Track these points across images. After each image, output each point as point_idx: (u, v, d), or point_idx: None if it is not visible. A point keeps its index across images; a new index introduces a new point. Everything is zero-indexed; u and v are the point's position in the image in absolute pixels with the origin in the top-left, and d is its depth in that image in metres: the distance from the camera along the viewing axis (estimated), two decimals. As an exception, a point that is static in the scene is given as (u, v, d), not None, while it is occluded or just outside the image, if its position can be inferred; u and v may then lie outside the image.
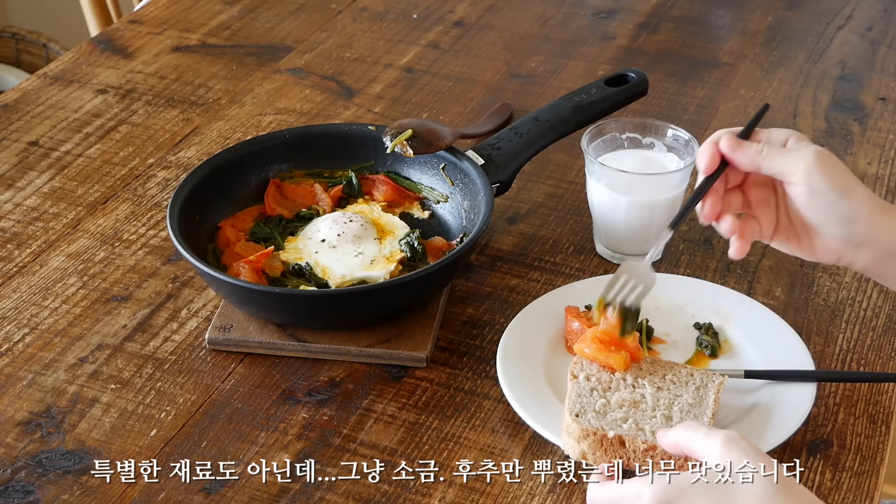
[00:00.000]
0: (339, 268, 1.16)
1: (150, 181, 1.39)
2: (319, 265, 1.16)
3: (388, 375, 1.09)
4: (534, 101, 1.55)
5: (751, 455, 0.84)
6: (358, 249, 1.18)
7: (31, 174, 1.40)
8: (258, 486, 0.98)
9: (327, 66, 1.65)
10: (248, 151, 1.27)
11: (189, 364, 1.11)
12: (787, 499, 0.83)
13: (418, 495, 0.97)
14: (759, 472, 0.83)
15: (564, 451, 0.96)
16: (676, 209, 1.22)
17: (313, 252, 1.18)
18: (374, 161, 1.30)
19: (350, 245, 1.18)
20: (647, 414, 0.97)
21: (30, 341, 1.14)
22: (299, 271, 1.16)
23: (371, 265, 1.16)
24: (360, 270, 1.16)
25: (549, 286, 1.20)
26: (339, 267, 1.16)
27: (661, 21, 1.78)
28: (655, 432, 0.93)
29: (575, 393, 0.98)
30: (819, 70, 1.64)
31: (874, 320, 1.17)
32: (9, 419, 1.05)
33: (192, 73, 1.63)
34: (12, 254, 1.26)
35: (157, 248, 1.27)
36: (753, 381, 1.05)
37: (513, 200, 1.34)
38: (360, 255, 1.17)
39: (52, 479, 0.98)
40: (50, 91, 1.58)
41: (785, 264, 1.24)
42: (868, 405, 1.06)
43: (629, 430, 0.95)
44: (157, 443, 1.02)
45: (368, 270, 1.16)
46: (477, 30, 1.75)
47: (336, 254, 1.17)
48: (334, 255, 1.17)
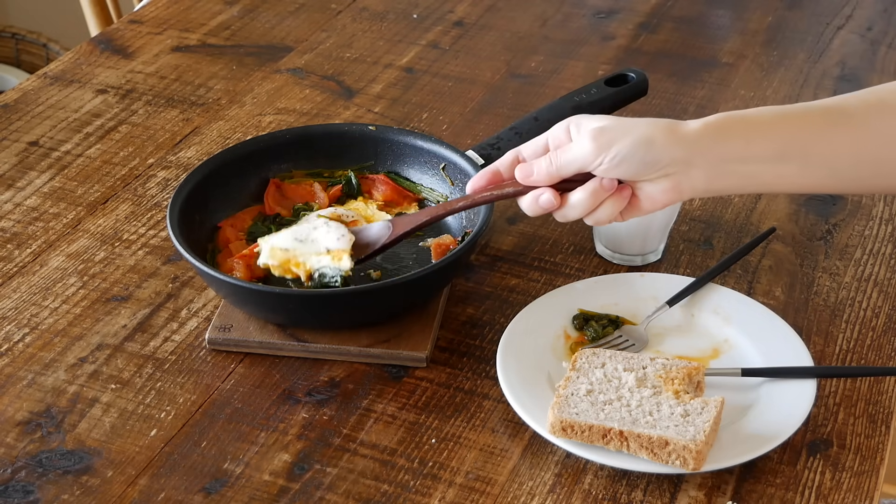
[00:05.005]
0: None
1: (150, 181, 1.39)
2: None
3: (388, 375, 1.10)
4: (534, 101, 1.55)
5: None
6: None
7: (31, 174, 1.40)
8: (258, 486, 0.98)
9: (327, 66, 1.65)
10: (248, 151, 1.27)
11: (189, 364, 1.11)
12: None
13: (418, 495, 0.97)
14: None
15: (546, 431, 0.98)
16: (676, 209, 1.22)
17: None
18: (374, 161, 1.30)
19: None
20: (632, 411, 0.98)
21: (30, 341, 1.14)
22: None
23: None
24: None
25: (549, 286, 1.20)
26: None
27: (661, 21, 1.78)
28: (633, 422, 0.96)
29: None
30: (819, 70, 1.64)
31: (874, 320, 1.17)
32: (9, 419, 1.05)
33: (192, 73, 1.63)
34: (12, 254, 1.26)
35: (157, 248, 1.27)
36: (752, 380, 1.05)
37: (513, 200, 1.33)
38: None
39: (52, 479, 0.99)
40: (50, 91, 1.58)
41: (785, 264, 1.24)
42: (868, 405, 1.06)
43: (601, 418, 0.96)
44: (157, 443, 1.02)
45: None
46: (477, 30, 1.75)
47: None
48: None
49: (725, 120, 1.01)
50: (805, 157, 1.01)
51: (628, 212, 1.03)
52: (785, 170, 1.01)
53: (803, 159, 1.01)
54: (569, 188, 1.02)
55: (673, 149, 0.98)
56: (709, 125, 1.00)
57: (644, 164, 0.99)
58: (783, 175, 1.01)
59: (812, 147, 1.01)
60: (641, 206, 1.02)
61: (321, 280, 1.11)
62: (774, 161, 1.00)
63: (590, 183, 1.01)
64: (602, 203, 1.01)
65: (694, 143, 0.99)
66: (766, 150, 1.00)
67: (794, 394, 1.02)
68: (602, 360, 1.03)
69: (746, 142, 0.99)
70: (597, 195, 1.01)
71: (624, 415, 0.97)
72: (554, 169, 1.01)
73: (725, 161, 0.99)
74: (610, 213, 1.02)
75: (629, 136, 0.98)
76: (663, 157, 0.98)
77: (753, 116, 1.02)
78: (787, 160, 1.00)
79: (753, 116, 1.02)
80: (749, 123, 1.01)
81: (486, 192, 1.06)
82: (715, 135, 0.99)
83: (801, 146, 1.00)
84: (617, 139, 0.98)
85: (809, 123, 1.01)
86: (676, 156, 0.98)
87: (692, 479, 0.98)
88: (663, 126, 0.99)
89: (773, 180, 1.02)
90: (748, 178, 1.01)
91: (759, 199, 1.34)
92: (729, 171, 1.00)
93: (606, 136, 0.99)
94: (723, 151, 0.99)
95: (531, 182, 1.02)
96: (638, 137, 0.98)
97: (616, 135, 0.99)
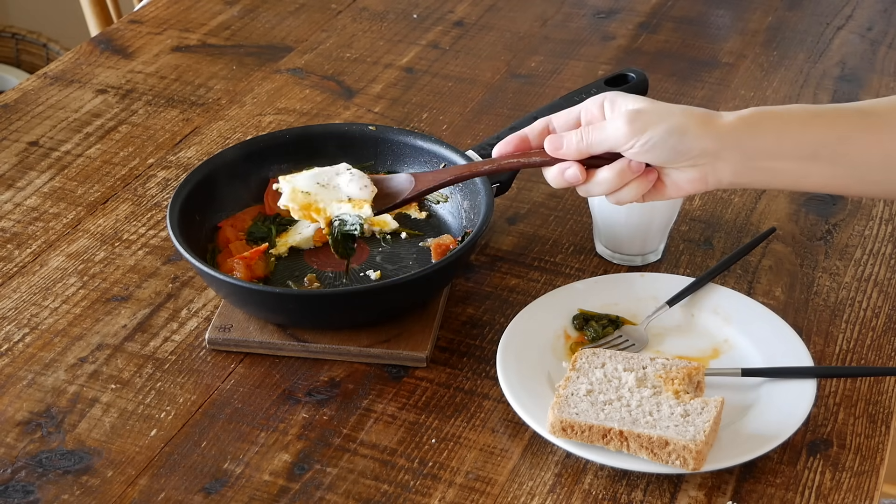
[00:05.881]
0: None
1: (150, 181, 1.39)
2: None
3: (388, 375, 1.10)
4: (534, 101, 1.55)
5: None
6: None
7: (31, 174, 1.40)
8: (258, 486, 0.98)
9: (327, 66, 1.65)
10: (248, 151, 1.27)
11: (189, 364, 1.11)
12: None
13: (418, 495, 0.97)
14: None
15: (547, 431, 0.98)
16: (676, 209, 1.22)
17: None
18: (374, 161, 1.30)
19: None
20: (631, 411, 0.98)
21: (30, 341, 1.14)
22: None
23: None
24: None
25: (549, 286, 1.20)
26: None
27: (661, 21, 1.78)
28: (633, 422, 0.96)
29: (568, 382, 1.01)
30: (819, 70, 1.64)
31: (874, 320, 1.17)
32: (9, 419, 1.05)
33: (192, 73, 1.63)
34: (12, 254, 1.26)
35: (157, 248, 1.27)
36: (752, 380, 1.05)
37: (513, 200, 1.34)
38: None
39: (52, 479, 0.99)
40: (50, 91, 1.58)
41: (785, 264, 1.24)
42: (868, 405, 1.06)
43: (600, 418, 0.96)
44: (157, 443, 1.02)
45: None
46: (477, 30, 1.75)
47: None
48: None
49: (758, 115, 1.01)
50: (834, 158, 1.01)
51: (651, 195, 1.03)
52: (813, 168, 1.01)
53: (832, 159, 1.01)
54: (595, 164, 1.02)
55: (704, 140, 0.98)
56: (742, 119, 1.00)
57: (675, 153, 0.99)
58: (810, 174, 1.01)
59: (842, 147, 1.01)
60: (665, 192, 1.03)
61: (340, 228, 1.10)
62: (804, 159, 1.00)
63: (618, 163, 1.01)
64: (627, 184, 1.01)
65: (725, 135, 0.99)
66: (796, 148, 1.00)
67: (794, 394, 1.02)
68: (602, 360, 1.03)
69: (778, 138, 1.00)
70: (623, 176, 1.01)
71: (624, 415, 0.97)
72: (584, 145, 1.01)
73: (755, 156, 0.99)
74: (634, 194, 1.02)
75: (663, 123, 0.98)
76: (694, 147, 0.98)
77: (786, 113, 1.02)
78: (816, 159, 1.00)
79: (786, 113, 1.02)
80: (782, 120, 1.01)
81: (512, 159, 1.06)
82: (747, 129, 0.99)
83: (832, 146, 1.00)
84: (651, 124, 0.98)
85: (841, 124, 1.01)
86: (707, 147, 0.99)
87: (692, 479, 0.98)
88: (698, 116, 0.99)
89: (800, 179, 1.02)
90: (775, 175, 1.01)
91: (759, 199, 1.34)
92: (757, 166, 1.00)
93: (641, 119, 0.99)
94: (753, 146, 0.99)
95: (559, 155, 1.02)
96: (672, 126, 0.98)
97: (651, 119, 0.99)
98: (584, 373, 1.02)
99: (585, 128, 1.02)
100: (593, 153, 1.01)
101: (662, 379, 1.01)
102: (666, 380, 1.01)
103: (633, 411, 0.97)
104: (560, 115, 1.06)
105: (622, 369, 1.02)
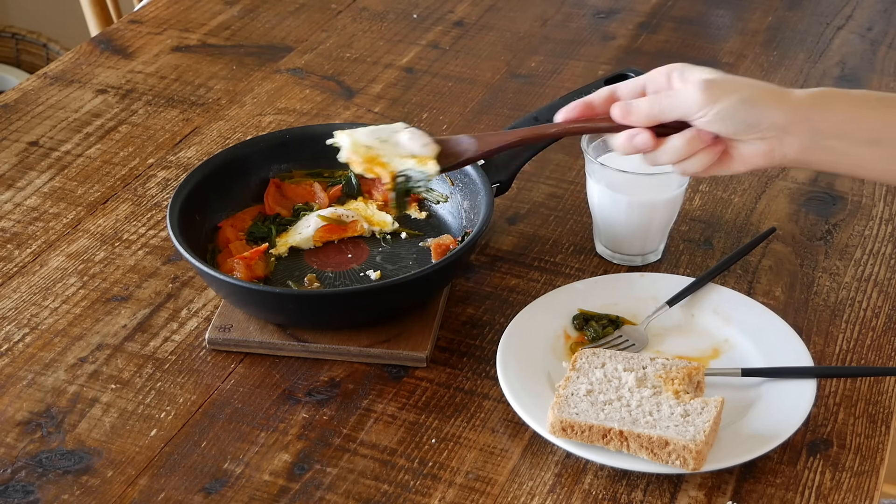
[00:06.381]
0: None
1: (150, 181, 1.39)
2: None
3: (388, 375, 1.09)
4: (534, 101, 1.55)
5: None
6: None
7: (31, 174, 1.40)
8: (258, 486, 0.98)
9: (327, 66, 1.65)
10: (248, 151, 1.27)
11: (189, 364, 1.11)
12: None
13: (418, 495, 0.97)
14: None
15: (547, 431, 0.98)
16: (676, 209, 1.22)
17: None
18: (374, 161, 1.29)
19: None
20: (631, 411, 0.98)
21: (30, 341, 1.14)
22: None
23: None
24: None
25: (549, 286, 1.20)
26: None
27: (661, 21, 1.78)
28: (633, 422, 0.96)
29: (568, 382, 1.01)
30: (819, 70, 1.64)
31: (874, 320, 1.17)
32: (9, 419, 1.05)
33: (192, 73, 1.63)
34: (12, 254, 1.26)
35: (157, 248, 1.27)
36: (752, 380, 1.05)
37: (513, 200, 1.34)
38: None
39: (52, 479, 0.99)
40: (50, 91, 1.58)
41: (785, 264, 1.24)
42: (868, 405, 1.06)
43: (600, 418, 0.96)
44: (157, 443, 1.02)
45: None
46: (477, 30, 1.75)
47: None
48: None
49: (829, 93, 1.02)
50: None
51: (716, 167, 1.03)
52: (876, 153, 1.01)
53: (894, 145, 1.01)
54: (661, 133, 1.02)
55: (775, 113, 0.99)
56: (813, 95, 1.01)
57: (745, 125, 0.99)
58: (873, 159, 1.02)
59: None
60: (731, 165, 1.03)
61: (405, 184, 1.07)
62: (868, 143, 1.01)
63: (688, 131, 1.01)
64: (696, 153, 1.02)
65: (796, 110, 1.00)
66: (863, 130, 1.01)
67: (794, 394, 1.02)
68: (602, 360, 1.03)
69: (847, 118, 1.00)
70: (692, 144, 1.01)
71: (624, 415, 0.97)
72: (656, 111, 1.01)
73: (823, 134, 1.00)
74: (700, 165, 1.02)
75: (736, 94, 0.99)
76: (764, 119, 0.99)
77: (856, 95, 1.03)
78: (881, 144, 1.01)
79: (856, 95, 1.03)
80: (851, 101, 1.02)
81: (578, 123, 1.06)
82: (818, 106, 1.00)
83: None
84: (724, 95, 0.99)
85: None
86: (777, 121, 0.99)
87: (692, 479, 0.98)
88: (770, 89, 1.00)
89: (862, 162, 1.02)
90: (838, 156, 1.01)
91: (759, 199, 1.34)
92: (823, 145, 1.00)
93: (715, 89, 0.99)
94: (823, 123, 1.00)
95: (629, 121, 1.02)
96: (744, 96, 0.99)
97: (724, 89, 0.99)
98: (584, 373, 1.02)
99: (656, 95, 1.02)
100: (664, 120, 1.02)
101: (662, 379, 1.01)
102: (666, 380, 1.01)
103: (633, 411, 0.97)
104: (625, 84, 1.06)
105: (622, 369, 1.02)
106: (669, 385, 1.00)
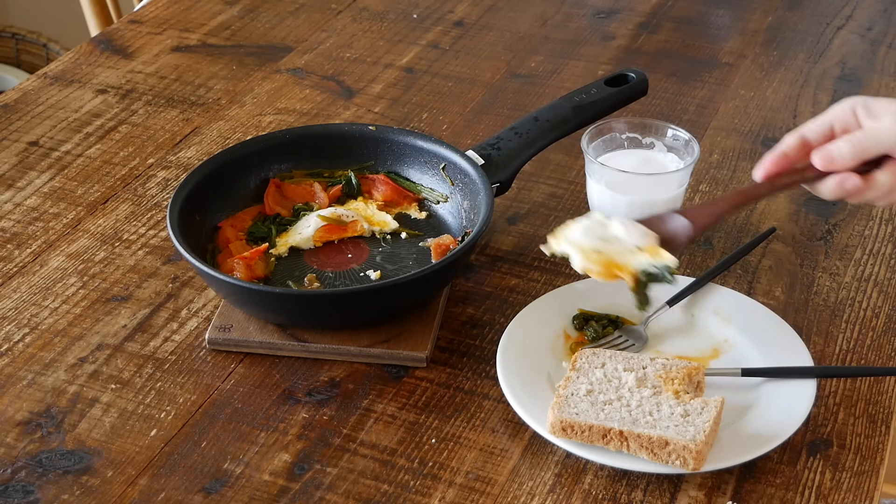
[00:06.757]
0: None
1: (150, 181, 1.39)
2: None
3: (388, 375, 1.09)
4: (534, 101, 1.55)
5: None
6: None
7: (31, 174, 1.40)
8: (258, 486, 0.98)
9: (327, 66, 1.65)
10: (248, 151, 1.27)
11: (189, 364, 1.11)
12: None
13: (418, 495, 0.97)
14: None
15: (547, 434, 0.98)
16: (676, 209, 1.22)
17: None
18: (374, 161, 1.30)
19: None
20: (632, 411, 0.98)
21: (30, 341, 1.14)
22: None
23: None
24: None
25: (549, 286, 1.20)
26: None
27: (661, 21, 1.78)
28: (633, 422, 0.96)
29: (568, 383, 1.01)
30: (819, 70, 1.64)
31: (874, 320, 1.17)
32: (9, 419, 1.05)
33: (192, 73, 1.63)
34: (12, 254, 1.26)
35: (157, 248, 1.27)
36: (752, 380, 1.05)
37: (513, 200, 1.34)
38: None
39: (52, 479, 0.99)
40: (50, 91, 1.58)
41: (785, 264, 1.24)
42: (868, 405, 1.06)
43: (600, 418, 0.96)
44: (157, 443, 1.02)
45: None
46: (477, 30, 1.75)
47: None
48: None
49: None
50: None
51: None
52: None
53: None
54: (858, 171, 1.03)
55: None
56: None
57: None
58: None
59: None
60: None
61: (650, 279, 1.03)
62: None
63: (890, 165, 1.02)
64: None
65: None
66: None
67: (794, 394, 1.02)
68: (602, 360, 1.03)
69: None
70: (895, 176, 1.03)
71: (624, 415, 0.97)
72: (859, 151, 1.02)
73: None
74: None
75: None
76: None
77: None
78: None
79: None
80: None
81: (785, 178, 1.06)
82: None
83: None
84: None
85: None
86: None
87: (692, 479, 0.98)
88: None
89: None
90: None
91: (759, 199, 1.34)
92: None
93: None
94: None
95: (834, 168, 1.03)
96: None
97: None
98: (584, 373, 1.02)
99: (853, 137, 1.03)
100: (867, 159, 1.03)
101: (662, 379, 1.01)
102: (666, 380, 1.01)
103: (633, 411, 0.97)
104: (812, 128, 1.06)
105: (622, 369, 1.02)
106: (669, 385, 1.00)
